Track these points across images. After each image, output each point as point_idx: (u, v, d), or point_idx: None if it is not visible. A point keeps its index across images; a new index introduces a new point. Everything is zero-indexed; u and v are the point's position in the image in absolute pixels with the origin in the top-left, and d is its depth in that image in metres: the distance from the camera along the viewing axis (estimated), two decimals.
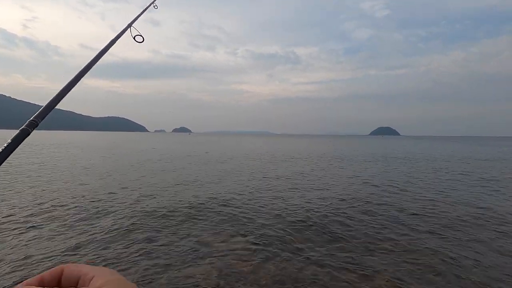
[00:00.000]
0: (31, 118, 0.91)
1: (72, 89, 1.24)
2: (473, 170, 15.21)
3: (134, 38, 1.84)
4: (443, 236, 5.33)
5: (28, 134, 0.87)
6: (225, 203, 7.62)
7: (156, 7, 2.46)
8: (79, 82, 1.32)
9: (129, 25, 1.83)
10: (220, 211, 6.91)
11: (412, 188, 9.90)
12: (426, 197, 8.53)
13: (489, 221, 6.19)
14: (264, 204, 7.75)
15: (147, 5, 2.32)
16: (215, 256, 4.46)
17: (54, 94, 1.13)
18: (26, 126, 0.87)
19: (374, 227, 5.90)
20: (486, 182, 11.38)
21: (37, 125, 0.93)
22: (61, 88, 1.18)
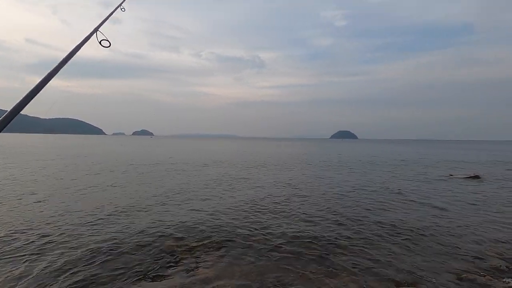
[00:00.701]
0: None
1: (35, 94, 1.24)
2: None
3: (100, 43, 1.82)
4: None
5: None
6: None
7: (123, 9, 2.40)
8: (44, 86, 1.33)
9: (95, 30, 1.81)
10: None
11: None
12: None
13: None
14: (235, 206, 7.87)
15: (114, 7, 2.28)
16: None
17: (18, 100, 1.14)
18: None
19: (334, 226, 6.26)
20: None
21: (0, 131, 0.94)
22: (24, 94, 1.17)
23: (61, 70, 1.44)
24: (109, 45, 1.84)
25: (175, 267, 4.34)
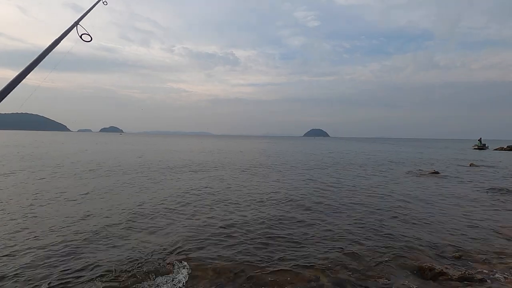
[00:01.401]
0: None
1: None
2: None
3: (81, 37, 1.77)
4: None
5: None
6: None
7: (105, 3, 2.29)
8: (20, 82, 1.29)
9: (76, 23, 1.75)
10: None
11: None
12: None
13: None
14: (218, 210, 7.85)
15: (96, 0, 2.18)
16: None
17: None
18: None
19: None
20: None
21: None
22: None
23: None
24: (90, 39, 1.79)
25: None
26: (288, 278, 4.08)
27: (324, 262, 4.58)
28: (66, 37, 1.70)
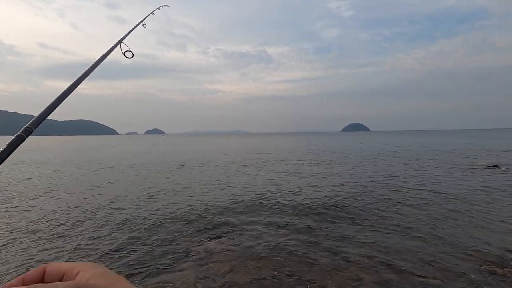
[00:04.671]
0: (26, 125, 0.96)
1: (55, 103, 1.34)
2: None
3: (124, 54, 1.91)
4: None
5: (23, 140, 0.92)
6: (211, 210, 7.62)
7: (145, 25, 2.48)
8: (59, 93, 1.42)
9: (120, 41, 1.91)
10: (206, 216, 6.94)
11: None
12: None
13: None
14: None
15: (137, 22, 2.37)
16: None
17: (48, 103, 1.22)
18: (21, 132, 0.92)
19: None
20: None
21: (31, 132, 0.97)
22: (53, 98, 1.27)
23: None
24: (132, 56, 1.93)
25: (188, 261, 4.48)
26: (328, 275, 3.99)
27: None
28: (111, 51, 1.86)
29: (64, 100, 1.33)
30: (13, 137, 0.89)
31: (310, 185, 10.69)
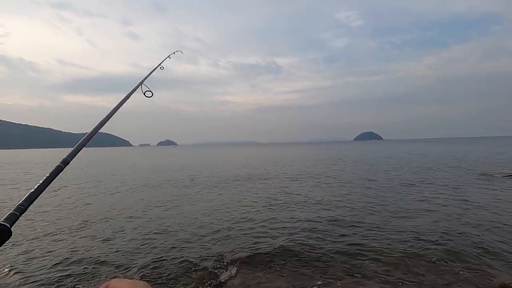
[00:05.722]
0: (64, 157, 1.12)
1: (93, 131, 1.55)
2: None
3: (144, 94, 2.13)
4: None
5: (62, 170, 1.06)
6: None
7: (162, 68, 2.72)
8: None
9: (140, 83, 2.13)
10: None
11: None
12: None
13: None
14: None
15: (155, 66, 2.63)
16: None
17: (84, 135, 1.42)
18: (60, 163, 1.07)
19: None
20: None
21: (68, 163, 1.13)
22: (89, 130, 1.49)
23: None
24: (151, 95, 2.15)
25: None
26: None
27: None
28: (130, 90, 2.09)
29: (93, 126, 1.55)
30: (54, 167, 1.03)
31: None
